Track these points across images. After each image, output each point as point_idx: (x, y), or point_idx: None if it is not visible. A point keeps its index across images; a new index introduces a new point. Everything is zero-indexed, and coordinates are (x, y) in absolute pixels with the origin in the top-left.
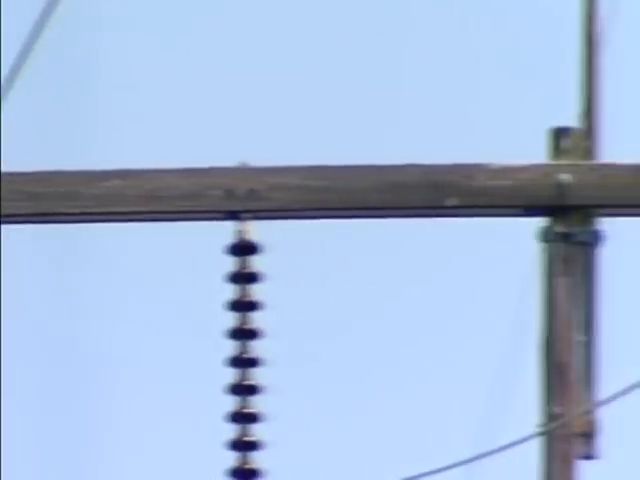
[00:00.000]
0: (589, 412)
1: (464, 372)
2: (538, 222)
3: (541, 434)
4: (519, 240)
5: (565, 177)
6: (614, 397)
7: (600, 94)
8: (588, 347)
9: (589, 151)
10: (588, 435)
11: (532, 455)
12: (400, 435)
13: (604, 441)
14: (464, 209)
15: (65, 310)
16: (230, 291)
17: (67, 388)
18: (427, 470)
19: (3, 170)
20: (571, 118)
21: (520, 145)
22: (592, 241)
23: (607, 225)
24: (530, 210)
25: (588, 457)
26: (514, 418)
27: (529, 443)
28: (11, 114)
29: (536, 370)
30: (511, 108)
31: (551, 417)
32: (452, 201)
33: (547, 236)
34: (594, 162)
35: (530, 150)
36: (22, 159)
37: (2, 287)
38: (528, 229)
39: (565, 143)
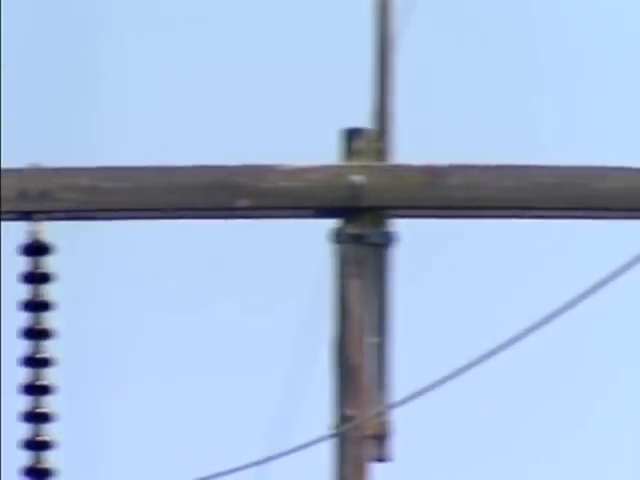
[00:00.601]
0: (381, 414)
1: (256, 373)
2: (330, 223)
3: (333, 436)
4: (312, 241)
5: (357, 178)
6: (407, 399)
7: (392, 95)
8: (381, 349)
9: (382, 152)
10: (380, 437)
11: (324, 457)
12: (193, 435)
13: (396, 443)
14: (255, 210)
15: None
16: (23, 291)
17: None
18: (219, 470)
19: None
20: (364, 119)
21: (312, 146)
22: (384, 242)
23: (399, 226)
24: (322, 211)
25: (380, 459)
26: (306, 420)
27: (321, 445)
28: None
29: (328, 372)
30: (303, 109)
31: (343, 419)
32: (243, 202)
33: (339, 238)
34: (386, 163)
35: (322, 151)
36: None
37: None
38: (321, 230)
39: (357, 144)
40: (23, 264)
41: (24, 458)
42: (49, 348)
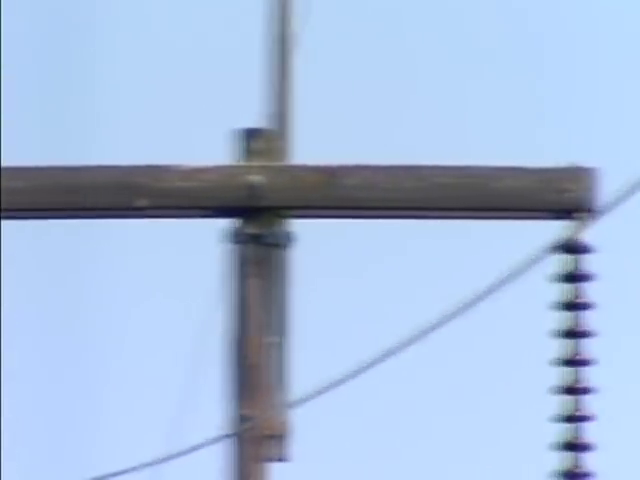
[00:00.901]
0: (279, 414)
1: (155, 372)
2: (229, 223)
3: (231, 436)
4: (211, 241)
5: (255, 179)
6: (305, 399)
7: (291, 96)
8: (279, 349)
9: (280, 152)
10: (278, 437)
11: (222, 456)
12: (88, 435)
13: (294, 443)
14: (154, 210)
15: None
16: None
17: None
18: (116, 470)
19: None
20: (262, 119)
21: (211, 146)
22: (283, 242)
23: (297, 226)
24: (220, 211)
25: (278, 459)
26: (204, 419)
27: (219, 445)
28: None
29: (227, 372)
30: (202, 109)
31: (241, 419)
32: (141, 202)
33: (238, 237)
34: (284, 164)
35: (221, 151)
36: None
37: None
38: (220, 230)
39: (256, 144)
40: None
41: None
42: None
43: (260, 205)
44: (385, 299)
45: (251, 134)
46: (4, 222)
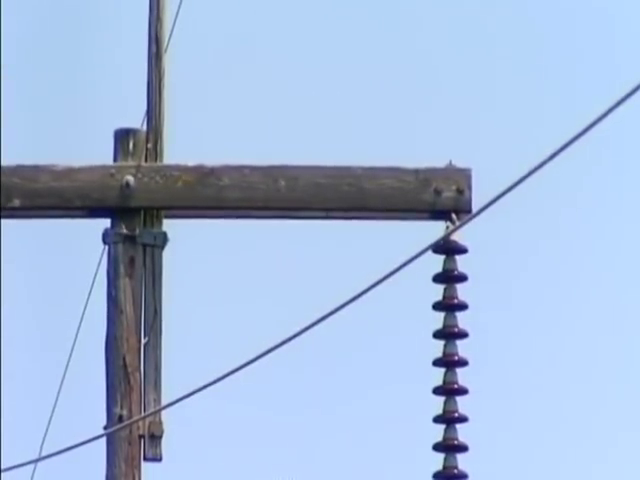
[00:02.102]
0: (154, 414)
1: (33, 371)
2: (103, 223)
3: (106, 435)
4: (86, 241)
5: (129, 179)
6: (178, 400)
7: (164, 96)
8: (153, 349)
9: (153, 153)
10: (152, 437)
11: (99, 456)
12: None
13: (168, 443)
14: (28, 210)
15: None
16: None
17: None
18: None
19: None
20: (137, 119)
21: (87, 146)
22: (156, 243)
23: (171, 226)
24: (94, 211)
25: (153, 459)
26: (81, 419)
27: (95, 444)
28: None
29: (102, 372)
30: (78, 109)
31: (116, 419)
32: (15, 203)
33: (111, 237)
34: (157, 164)
35: (97, 151)
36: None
37: None
38: (95, 230)
39: (130, 144)
40: None
41: None
42: None
43: (132, 205)
44: (260, 299)
45: (126, 134)
46: None
